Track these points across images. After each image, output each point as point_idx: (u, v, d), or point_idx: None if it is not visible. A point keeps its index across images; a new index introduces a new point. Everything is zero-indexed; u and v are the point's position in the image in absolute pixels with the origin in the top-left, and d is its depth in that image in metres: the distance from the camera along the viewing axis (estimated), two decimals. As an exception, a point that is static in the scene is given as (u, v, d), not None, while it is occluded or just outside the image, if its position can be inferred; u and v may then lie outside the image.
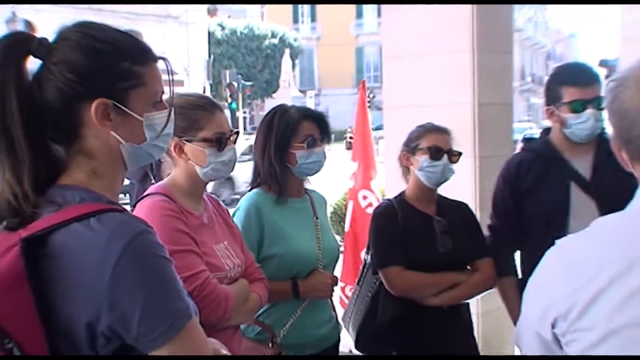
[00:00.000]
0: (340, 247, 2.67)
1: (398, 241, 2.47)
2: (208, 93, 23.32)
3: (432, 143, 2.49)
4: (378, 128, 7.30)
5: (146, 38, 1.26)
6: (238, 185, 11.84)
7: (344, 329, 2.65)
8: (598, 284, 1.05)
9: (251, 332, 2.29)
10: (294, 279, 2.33)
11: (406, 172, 2.60)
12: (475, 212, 2.74)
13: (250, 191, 2.41)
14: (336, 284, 2.46)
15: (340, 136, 28.22)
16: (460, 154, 2.54)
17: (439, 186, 2.55)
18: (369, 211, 4.17)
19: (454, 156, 2.52)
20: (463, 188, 3.32)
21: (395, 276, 2.46)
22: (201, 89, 24.56)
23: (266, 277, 2.12)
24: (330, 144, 2.53)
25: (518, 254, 2.61)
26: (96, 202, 1.12)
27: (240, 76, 26.89)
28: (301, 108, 2.47)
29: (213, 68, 29.14)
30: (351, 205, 4.72)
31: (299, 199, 2.47)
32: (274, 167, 2.35)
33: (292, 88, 35.00)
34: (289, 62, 34.78)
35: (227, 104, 23.18)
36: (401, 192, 2.62)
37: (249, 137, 13.36)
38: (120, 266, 1.05)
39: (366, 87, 4.91)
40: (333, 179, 5.91)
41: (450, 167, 2.50)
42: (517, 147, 6.56)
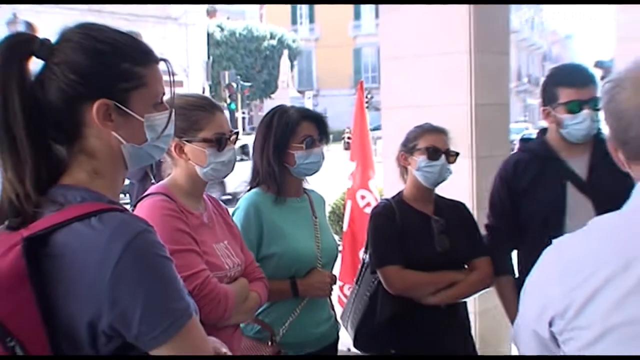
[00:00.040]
0: (338, 247, 2.68)
1: (396, 240, 2.48)
2: (207, 94, 23.28)
3: (430, 143, 2.50)
4: (376, 128, 7.31)
5: (146, 39, 1.26)
6: (228, 186, 11.75)
7: (343, 328, 2.66)
8: (594, 283, 1.06)
9: (250, 331, 2.29)
10: (293, 278, 2.33)
11: (404, 172, 2.61)
12: (472, 212, 2.74)
13: (249, 191, 2.42)
14: (335, 283, 2.47)
15: (338, 136, 28.16)
16: (457, 154, 2.55)
17: (437, 186, 2.56)
18: (367, 211, 4.18)
19: (452, 156, 2.53)
20: (460, 188, 3.32)
21: (393, 275, 2.47)
22: (200, 90, 24.53)
23: (265, 276, 2.13)
24: (328, 145, 2.54)
25: (515, 254, 2.62)
26: (97, 202, 1.13)
27: (239, 77, 26.85)
28: (300, 109, 2.48)
29: (212, 69, 29.13)
30: (349, 205, 4.72)
31: (298, 199, 2.47)
32: (273, 167, 2.36)
33: (291, 89, 34.95)
34: (288, 63, 34.73)
35: (226, 105, 23.13)
36: (399, 192, 2.63)
37: (240, 139, 13.27)
38: (121, 265, 1.05)
39: (364, 88, 4.93)
40: (331, 179, 5.91)
41: (447, 167, 2.51)
42: (516, 148, 6.55)
